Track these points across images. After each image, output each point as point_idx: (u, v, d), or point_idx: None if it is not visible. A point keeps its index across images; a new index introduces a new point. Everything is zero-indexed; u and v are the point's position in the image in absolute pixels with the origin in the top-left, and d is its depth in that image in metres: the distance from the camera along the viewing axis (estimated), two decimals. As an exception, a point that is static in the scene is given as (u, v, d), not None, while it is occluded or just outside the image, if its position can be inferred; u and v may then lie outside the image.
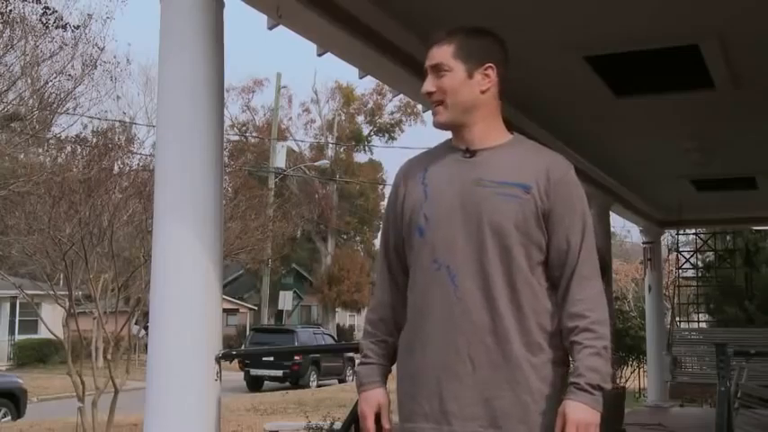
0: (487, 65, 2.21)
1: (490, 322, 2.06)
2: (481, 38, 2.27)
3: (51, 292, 10.48)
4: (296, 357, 21.94)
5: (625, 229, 36.60)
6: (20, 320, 28.55)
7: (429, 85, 2.22)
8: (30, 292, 12.70)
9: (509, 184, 2.11)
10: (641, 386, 14.51)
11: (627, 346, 14.04)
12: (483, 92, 2.21)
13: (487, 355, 2.06)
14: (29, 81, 14.78)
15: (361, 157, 43.03)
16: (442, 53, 2.20)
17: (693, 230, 14.28)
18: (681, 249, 14.11)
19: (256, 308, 35.40)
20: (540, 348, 2.08)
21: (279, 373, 22.19)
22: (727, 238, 15.21)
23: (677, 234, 13.91)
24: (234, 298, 35.37)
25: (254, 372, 22.16)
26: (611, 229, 10.80)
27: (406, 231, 2.20)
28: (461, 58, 2.19)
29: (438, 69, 2.19)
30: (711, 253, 14.94)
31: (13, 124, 14.25)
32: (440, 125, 2.22)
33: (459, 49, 2.19)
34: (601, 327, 2.09)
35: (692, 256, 14.39)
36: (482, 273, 2.08)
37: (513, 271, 2.08)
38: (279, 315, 32.15)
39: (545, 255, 2.13)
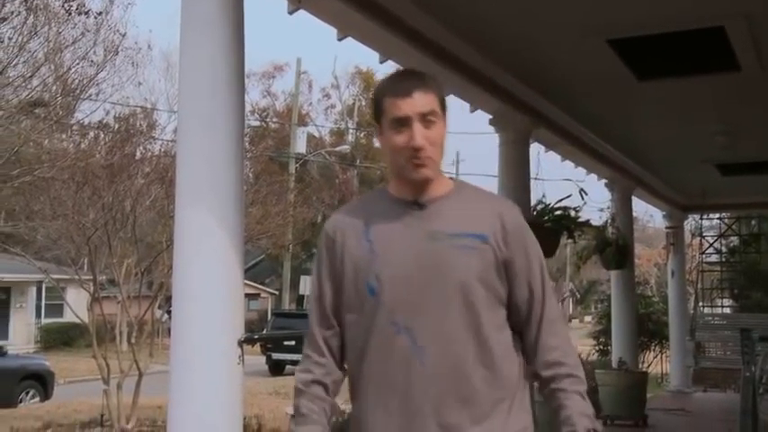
0: (446, 113, 2.06)
1: (457, 385, 1.95)
2: (441, 85, 2.09)
3: (76, 277, 10.58)
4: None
5: (648, 214, 36.22)
6: (46, 304, 28.90)
7: (422, 137, 1.96)
8: (55, 276, 12.80)
9: (466, 236, 1.99)
10: (664, 371, 14.44)
11: (649, 331, 13.95)
12: None
13: (457, 419, 1.94)
14: (52, 67, 14.87)
15: (381, 143, 42.86)
16: (431, 101, 1.99)
17: (717, 215, 14.14)
18: (704, 234, 13.98)
19: (277, 293, 35.57)
20: (509, 403, 2.01)
21: (300, 357, 22.28)
22: (752, 222, 15.05)
23: (701, 219, 13.77)
24: (255, 283, 35.52)
25: (275, 356, 22.27)
26: (634, 214, 10.73)
27: (351, 292, 2.03)
28: (442, 108, 2.02)
29: (427, 119, 1.97)
30: (736, 238, 14.79)
31: (37, 110, 14.37)
32: (427, 181, 2.01)
33: (440, 99, 2.01)
34: (579, 371, 2.06)
35: (715, 240, 14.25)
36: (447, 333, 1.95)
37: (480, 327, 1.97)
38: (300, 300, 32.24)
39: (506, 305, 2.04)
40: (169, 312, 3.99)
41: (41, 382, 14.09)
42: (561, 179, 8.68)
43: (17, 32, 13.40)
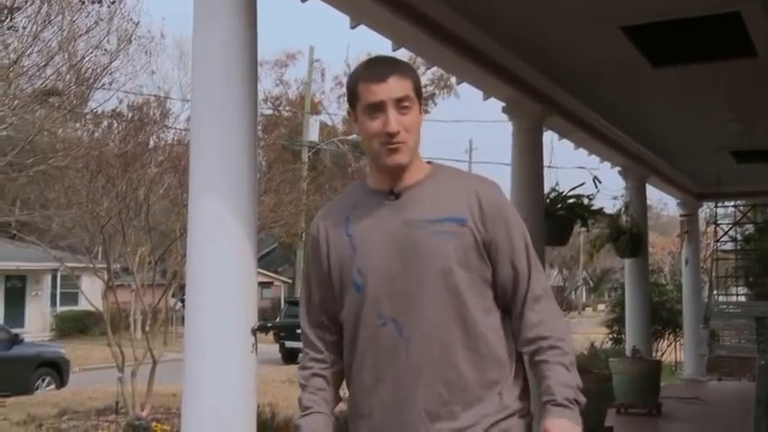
0: (421, 99, 2.06)
1: (445, 373, 1.94)
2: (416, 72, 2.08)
3: (90, 265, 10.66)
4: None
5: (662, 202, 36.08)
6: (61, 292, 29.13)
7: (396, 122, 1.95)
8: (70, 264, 12.94)
9: (442, 221, 1.97)
10: (678, 360, 14.40)
11: (663, 319, 13.91)
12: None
13: (446, 408, 1.94)
14: (66, 56, 14.90)
15: (393, 131, 42.84)
16: (406, 86, 1.98)
17: (732, 203, 14.05)
18: (719, 222, 13.89)
19: (290, 281, 35.65)
20: (502, 385, 1.98)
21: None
22: (768, 210, 14.94)
23: (716, 206, 13.69)
24: (268, 271, 35.62)
25: (289, 344, 22.32)
26: (648, 202, 10.67)
27: (338, 288, 2.05)
28: (417, 94, 2.01)
29: (402, 105, 1.96)
30: (751, 225, 14.70)
31: (51, 99, 14.42)
32: (401, 168, 2.00)
33: (415, 84, 2.00)
34: (565, 344, 1.99)
35: (730, 228, 14.17)
36: (431, 321, 1.94)
37: (465, 312, 1.95)
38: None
39: (492, 286, 2.01)
40: (183, 301, 4.00)
41: (57, 370, 14.22)
42: (575, 167, 8.67)
43: (31, 21, 13.45)
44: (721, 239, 13.80)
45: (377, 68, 2.01)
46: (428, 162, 2.10)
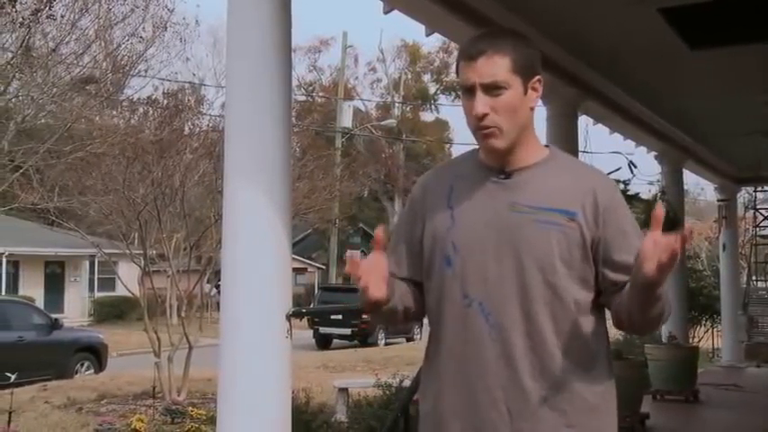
0: (537, 77, 1.92)
1: (533, 367, 1.82)
2: (528, 45, 1.94)
3: (127, 251, 10.80)
4: (364, 316, 22.15)
5: (699, 187, 35.60)
6: (99, 278, 29.54)
7: (483, 105, 1.84)
8: (107, 250, 13.10)
9: (551, 211, 1.85)
10: (715, 346, 14.23)
11: (700, 305, 13.75)
12: (532, 108, 1.93)
13: (529, 405, 1.82)
14: (102, 44, 15.08)
15: (427, 116, 42.88)
16: (498, 67, 1.84)
17: (772, 187, 13.83)
18: (758, 207, 13.68)
19: (324, 267, 35.82)
20: (600, 396, 1.88)
21: (347, 331, 22.44)
22: (809, 194, 14.67)
23: (755, 191, 13.47)
24: (302, 257, 35.82)
25: (323, 330, 22.49)
26: (684, 187, 10.53)
27: (428, 258, 1.94)
28: (519, 72, 1.87)
29: (493, 87, 1.84)
30: (791, 210, 14.45)
31: (88, 87, 14.61)
32: (497, 151, 1.89)
33: (515, 62, 1.86)
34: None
35: (770, 213, 13.95)
36: (523, 312, 1.83)
37: (559, 311, 1.83)
38: (347, 274, 32.53)
39: (593, 290, 1.88)
40: (218, 287, 4.03)
41: (95, 355, 14.46)
42: (610, 152, 8.57)
43: (69, 10, 13.64)
44: (760, 224, 13.59)
45: (473, 45, 1.89)
46: (546, 146, 2.00)
